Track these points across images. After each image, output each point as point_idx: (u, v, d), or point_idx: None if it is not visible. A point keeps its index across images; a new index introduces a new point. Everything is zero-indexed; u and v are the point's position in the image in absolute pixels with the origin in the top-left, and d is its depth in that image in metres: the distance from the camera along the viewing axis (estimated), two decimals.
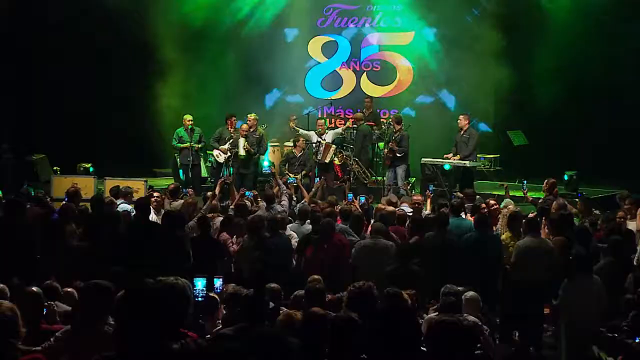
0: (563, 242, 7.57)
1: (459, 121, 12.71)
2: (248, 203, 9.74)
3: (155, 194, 9.78)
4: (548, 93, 14.18)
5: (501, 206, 9.61)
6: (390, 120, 13.38)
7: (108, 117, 15.23)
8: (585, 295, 6.50)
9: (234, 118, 13.34)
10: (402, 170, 12.88)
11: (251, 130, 12.97)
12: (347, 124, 14.06)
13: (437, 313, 5.69)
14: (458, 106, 14.94)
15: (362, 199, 10.37)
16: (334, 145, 13.01)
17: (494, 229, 8.73)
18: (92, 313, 4.33)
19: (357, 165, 13.26)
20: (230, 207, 9.51)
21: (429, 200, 9.78)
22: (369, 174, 13.12)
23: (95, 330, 4.23)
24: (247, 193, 10.46)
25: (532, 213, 9.03)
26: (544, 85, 14.28)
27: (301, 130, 13.15)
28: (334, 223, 7.98)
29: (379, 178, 13.28)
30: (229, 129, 13.19)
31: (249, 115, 13.24)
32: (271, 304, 5.41)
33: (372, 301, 4.41)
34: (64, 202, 9.45)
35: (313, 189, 11.17)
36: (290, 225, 8.75)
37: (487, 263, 7.57)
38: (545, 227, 8.36)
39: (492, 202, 9.75)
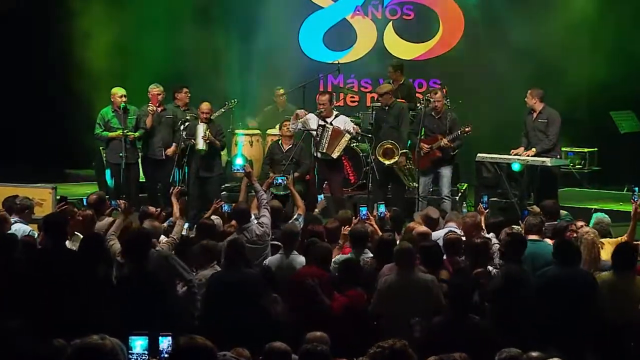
0: None
1: (526, 100, 12.77)
2: (217, 221, 9.75)
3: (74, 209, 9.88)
4: None
5: (591, 224, 9.67)
6: (428, 96, 13.28)
7: None
8: None
9: (185, 91, 13.50)
10: (450, 174, 12.96)
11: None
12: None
13: None
14: (533, 76, 14.94)
15: (382, 208, 10.36)
16: (347, 134, 12.91)
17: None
18: None
19: (406, 162, 13.15)
20: None
21: (483, 218, 9.81)
22: (414, 176, 13.09)
23: None
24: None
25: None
26: None
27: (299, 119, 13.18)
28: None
29: (414, 184, 13.26)
30: (180, 107, 13.33)
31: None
32: None
33: None
34: None
35: (317, 209, 11.18)
36: (271, 258, 8.85)
37: (572, 313, 7.61)
38: None
39: (579, 223, 9.78)
